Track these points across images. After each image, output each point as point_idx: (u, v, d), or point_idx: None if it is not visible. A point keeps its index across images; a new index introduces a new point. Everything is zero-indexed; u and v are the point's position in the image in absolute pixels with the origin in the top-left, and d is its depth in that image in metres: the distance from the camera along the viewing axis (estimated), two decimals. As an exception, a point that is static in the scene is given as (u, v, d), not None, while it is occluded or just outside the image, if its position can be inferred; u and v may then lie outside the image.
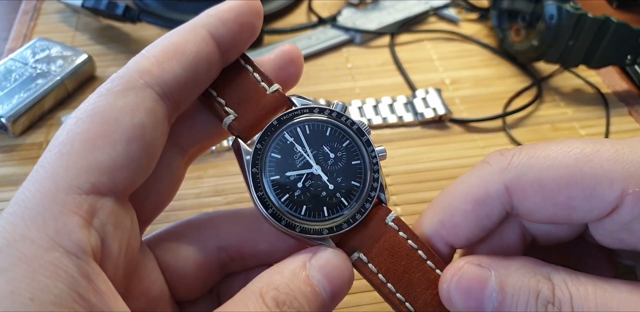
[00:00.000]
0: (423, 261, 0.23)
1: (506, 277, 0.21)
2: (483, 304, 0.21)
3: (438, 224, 0.24)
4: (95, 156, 0.19)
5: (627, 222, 0.21)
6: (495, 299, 0.21)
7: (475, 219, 0.23)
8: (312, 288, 0.21)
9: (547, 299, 0.20)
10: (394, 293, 0.22)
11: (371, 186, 0.23)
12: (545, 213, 0.22)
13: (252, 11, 0.23)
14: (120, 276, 0.20)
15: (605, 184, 0.20)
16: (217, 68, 0.23)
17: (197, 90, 0.23)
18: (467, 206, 0.23)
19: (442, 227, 0.24)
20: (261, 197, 0.23)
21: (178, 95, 0.22)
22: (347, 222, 0.23)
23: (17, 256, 0.17)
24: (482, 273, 0.22)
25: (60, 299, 0.17)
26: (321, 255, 0.22)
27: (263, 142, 0.23)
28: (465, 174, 0.24)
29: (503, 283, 0.21)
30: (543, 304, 0.20)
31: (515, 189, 0.22)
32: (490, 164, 0.23)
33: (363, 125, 0.24)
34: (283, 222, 0.22)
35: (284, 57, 0.25)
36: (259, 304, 0.20)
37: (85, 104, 0.21)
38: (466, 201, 0.23)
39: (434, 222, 0.24)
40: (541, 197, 0.22)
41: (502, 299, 0.21)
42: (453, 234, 0.23)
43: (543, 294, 0.20)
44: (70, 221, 0.18)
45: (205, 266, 0.25)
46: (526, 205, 0.22)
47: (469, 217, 0.23)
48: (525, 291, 0.21)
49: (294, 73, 0.25)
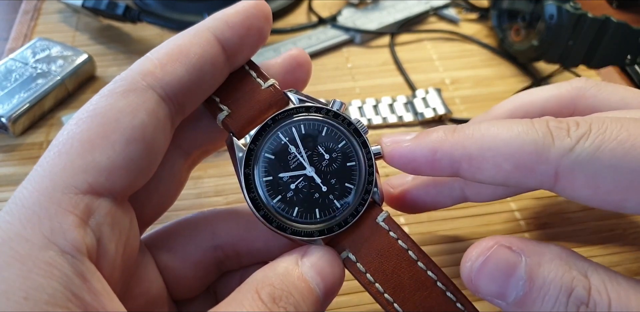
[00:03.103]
0: (413, 262, 0.22)
1: (538, 267, 0.19)
2: (506, 292, 0.19)
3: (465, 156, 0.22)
4: (94, 156, 0.19)
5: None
6: (521, 289, 0.19)
7: (505, 180, 0.21)
8: (306, 284, 0.21)
9: (581, 299, 0.18)
10: (381, 293, 0.22)
11: (365, 188, 0.23)
12: (592, 203, 0.21)
13: (259, 15, 0.22)
14: (118, 276, 0.20)
15: None
16: (222, 72, 0.23)
17: (202, 94, 0.22)
18: (507, 165, 0.21)
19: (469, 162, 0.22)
20: (253, 198, 0.22)
21: (181, 98, 0.21)
22: (339, 225, 0.23)
23: (11, 255, 0.17)
24: (512, 257, 0.20)
25: (54, 298, 0.17)
26: (312, 253, 0.22)
27: (257, 142, 0.23)
28: (516, 125, 0.21)
29: (533, 272, 0.19)
30: (575, 304, 0.18)
31: (565, 178, 0.20)
32: (553, 137, 0.20)
33: (360, 125, 0.23)
34: (274, 224, 0.22)
35: (291, 61, 0.25)
36: (255, 301, 0.20)
37: (86, 105, 0.21)
38: (507, 160, 0.21)
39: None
40: (592, 193, 0.20)
41: (528, 290, 0.19)
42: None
43: (577, 292, 0.18)
44: (66, 220, 0.18)
45: (202, 265, 0.25)
46: (570, 193, 0.21)
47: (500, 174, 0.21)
48: (557, 286, 0.19)
49: (301, 77, 0.25)
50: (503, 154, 0.21)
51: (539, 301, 0.19)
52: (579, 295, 0.18)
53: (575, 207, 0.36)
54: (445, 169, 0.22)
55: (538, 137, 0.20)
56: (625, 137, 0.19)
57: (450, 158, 0.22)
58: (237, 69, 0.24)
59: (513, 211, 0.36)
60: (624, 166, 0.19)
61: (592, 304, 0.18)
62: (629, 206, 0.20)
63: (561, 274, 0.19)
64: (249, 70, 0.24)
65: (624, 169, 0.19)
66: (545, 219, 0.36)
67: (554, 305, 0.19)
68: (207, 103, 0.23)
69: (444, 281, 0.22)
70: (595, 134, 0.20)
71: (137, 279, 0.23)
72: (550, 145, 0.20)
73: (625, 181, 0.19)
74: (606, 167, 0.19)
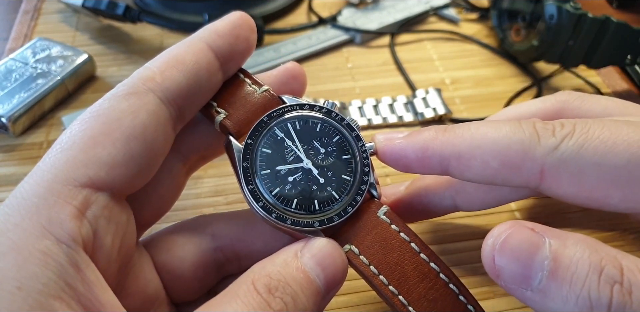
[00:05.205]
0: (416, 253, 0.23)
1: (563, 247, 0.18)
2: (530, 272, 0.18)
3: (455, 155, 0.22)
4: (95, 152, 0.20)
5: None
6: (547, 268, 0.18)
7: (492, 179, 0.22)
8: (305, 275, 0.21)
9: (614, 277, 0.17)
10: (386, 285, 0.22)
11: (362, 179, 0.24)
12: (577, 200, 0.21)
13: (245, 25, 0.24)
14: (114, 271, 0.21)
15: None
16: (217, 78, 0.24)
17: (199, 99, 0.24)
18: (494, 163, 0.21)
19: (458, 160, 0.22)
20: (252, 190, 0.23)
21: (181, 102, 0.22)
22: (339, 215, 0.23)
23: (8, 245, 0.18)
24: (534, 237, 0.19)
25: (47, 287, 0.17)
26: (312, 244, 0.22)
27: (254, 137, 0.23)
28: (504, 126, 0.22)
29: (558, 252, 0.18)
30: (608, 282, 0.17)
31: (551, 175, 0.21)
32: (539, 137, 0.21)
33: (352, 121, 0.24)
34: (274, 215, 0.23)
35: (286, 73, 0.26)
36: (250, 291, 0.20)
37: (90, 108, 0.22)
38: (494, 158, 0.21)
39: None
40: (577, 190, 0.20)
41: (554, 269, 0.18)
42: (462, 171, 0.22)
43: (609, 271, 0.17)
44: (63, 211, 0.19)
45: (202, 267, 0.25)
46: (555, 191, 0.21)
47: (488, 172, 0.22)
48: (585, 264, 0.17)
49: (296, 89, 0.26)
50: (491, 152, 0.21)
51: (566, 282, 0.17)
52: (611, 273, 0.17)
53: (575, 207, 0.36)
54: (435, 166, 0.23)
55: (525, 137, 0.21)
56: (607, 136, 0.20)
57: (440, 156, 0.23)
58: (231, 77, 0.25)
59: (513, 210, 0.36)
60: (606, 163, 0.20)
61: (627, 284, 0.17)
62: (613, 202, 0.20)
63: (588, 253, 0.18)
64: (243, 78, 0.25)
65: (606, 166, 0.20)
66: (545, 219, 0.36)
67: (583, 285, 0.17)
68: (204, 108, 0.24)
69: (446, 272, 0.23)
70: (579, 133, 0.21)
71: (133, 277, 0.23)
72: (536, 144, 0.21)
73: (609, 177, 0.20)
74: (590, 164, 0.20)
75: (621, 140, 0.20)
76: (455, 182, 0.28)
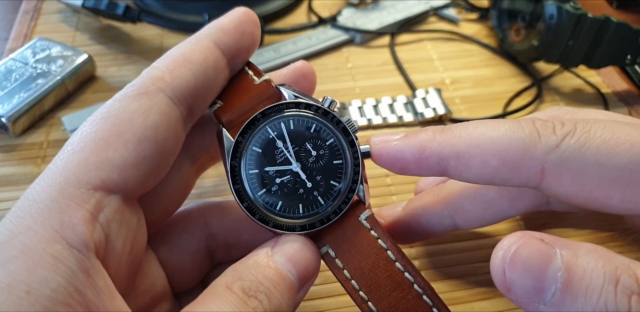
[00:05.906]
0: (391, 261, 0.22)
1: (575, 259, 0.17)
2: (543, 285, 0.17)
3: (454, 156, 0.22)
4: (107, 154, 0.20)
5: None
6: (560, 280, 0.17)
7: (491, 179, 0.22)
8: (276, 272, 0.21)
9: (631, 288, 0.16)
10: (357, 290, 0.22)
11: (350, 187, 0.23)
12: (576, 200, 0.21)
13: (249, 21, 0.24)
14: (124, 274, 0.21)
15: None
16: (224, 75, 0.24)
17: (208, 96, 0.24)
18: (494, 162, 0.21)
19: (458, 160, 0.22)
20: (238, 190, 0.23)
21: (190, 101, 0.22)
22: (321, 222, 0.23)
23: (20, 248, 0.17)
24: (545, 248, 0.18)
25: (56, 293, 0.17)
26: (282, 242, 0.22)
27: (245, 134, 0.23)
28: (503, 124, 0.22)
29: (571, 262, 0.17)
30: (625, 293, 0.16)
31: (552, 174, 0.20)
32: (539, 134, 0.21)
33: (349, 123, 0.24)
34: (257, 216, 0.23)
35: (296, 72, 0.26)
36: (230, 296, 0.20)
37: (100, 109, 0.22)
38: (494, 157, 0.21)
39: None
40: (578, 190, 0.20)
41: (568, 281, 0.17)
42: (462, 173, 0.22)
43: (625, 281, 0.16)
44: (76, 214, 0.19)
45: (198, 254, 0.26)
46: (556, 190, 0.21)
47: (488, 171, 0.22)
48: (600, 275, 0.17)
49: (307, 87, 0.27)
50: (490, 151, 0.21)
51: (582, 294, 0.16)
52: (627, 283, 0.16)
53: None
54: (433, 167, 0.23)
55: (525, 135, 0.21)
56: (609, 135, 0.20)
57: (438, 156, 0.22)
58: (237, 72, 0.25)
59: (513, 211, 0.36)
60: (608, 162, 0.20)
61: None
62: (613, 203, 0.20)
63: (602, 263, 0.17)
64: (247, 69, 0.25)
65: (608, 166, 0.20)
66: (545, 219, 0.35)
67: (600, 296, 0.16)
68: None
69: (421, 284, 0.22)
70: (580, 132, 0.20)
71: (142, 277, 0.23)
72: (536, 142, 0.21)
73: (610, 177, 0.20)
74: (591, 163, 0.20)
75: (623, 140, 0.20)
76: (454, 200, 0.27)
